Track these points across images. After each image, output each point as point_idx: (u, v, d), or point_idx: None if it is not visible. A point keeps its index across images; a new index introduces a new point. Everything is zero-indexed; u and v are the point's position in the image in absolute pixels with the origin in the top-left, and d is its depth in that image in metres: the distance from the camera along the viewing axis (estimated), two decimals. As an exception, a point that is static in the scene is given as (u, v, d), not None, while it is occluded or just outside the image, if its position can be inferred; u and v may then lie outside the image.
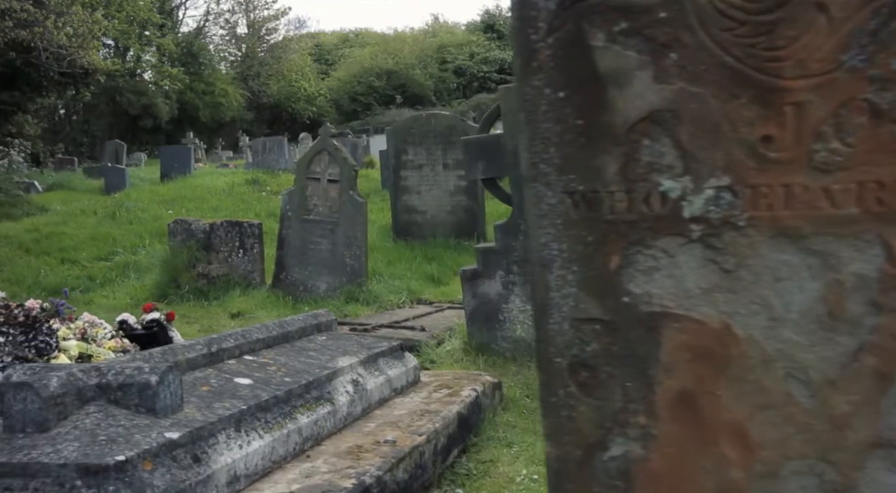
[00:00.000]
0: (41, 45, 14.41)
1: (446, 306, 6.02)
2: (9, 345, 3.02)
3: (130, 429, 1.82)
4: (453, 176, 8.30)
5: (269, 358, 2.67)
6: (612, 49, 0.89)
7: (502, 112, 3.92)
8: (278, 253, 6.40)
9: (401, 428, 2.58)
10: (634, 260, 0.83)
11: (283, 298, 6.11)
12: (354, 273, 6.15)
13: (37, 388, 1.80)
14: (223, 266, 6.57)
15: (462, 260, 7.54)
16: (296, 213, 6.27)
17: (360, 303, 5.89)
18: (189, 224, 6.70)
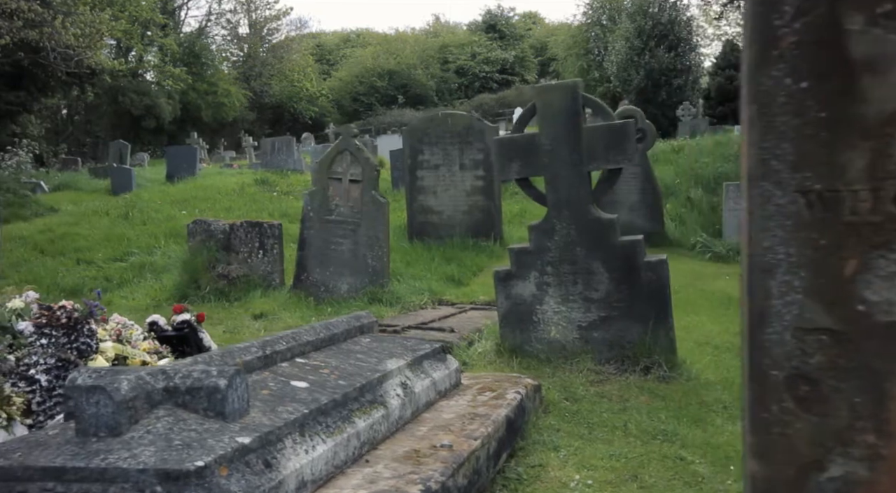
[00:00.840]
0: (49, 46, 14.38)
1: (469, 307, 6.00)
2: (52, 347, 2.99)
3: (203, 434, 1.79)
4: (470, 176, 8.28)
5: (320, 361, 2.64)
6: (872, 33, 0.84)
7: (538, 111, 3.89)
8: (299, 254, 6.36)
9: (453, 432, 2.55)
10: (875, 265, 0.79)
11: (305, 299, 6.08)
12: (376, 274, 6.12)
13: (109, 391, 1.77)
14: (243, 267, 6.54)
15: (480, 261, 7.52)
16: (317, 213, 6.24)
17: (383, 304, 5.86)
18: (208, 225, 6.67)
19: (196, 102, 40.34)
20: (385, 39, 60.75)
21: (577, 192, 3.85)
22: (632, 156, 3.75)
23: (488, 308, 6.01)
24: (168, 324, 4.32)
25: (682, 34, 27.53)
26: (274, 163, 14.78)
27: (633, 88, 27.30)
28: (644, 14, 28.20)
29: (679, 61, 27.03)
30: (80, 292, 6.96)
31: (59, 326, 3.02)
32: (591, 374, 3.78)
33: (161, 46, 37.92)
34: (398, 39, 59.81)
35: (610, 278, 3.83)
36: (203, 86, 40.76)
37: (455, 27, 63.87)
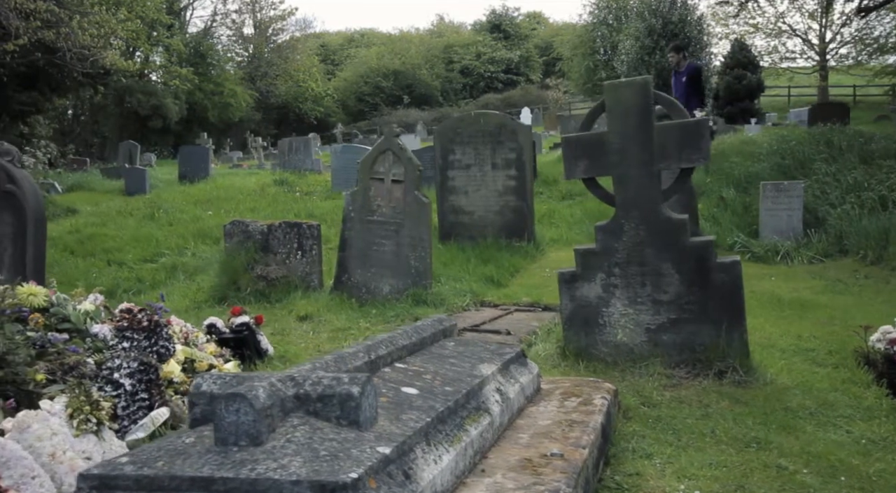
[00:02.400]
0: (65, 46, 14.34)
1: (513, 308, 5.94)
2: (134, 350, 2.94)
3: (343, 444, 1.74)
4: (502, 176, 8.22)
5: (418, 366, 2.58)
6: None
7: (607, 108, 3.83)
8: (340, 255, 6.31)
9: (557, 440, 2.50)
10: None
11: (348, 300, 6.02)
12: (419, 275, 6.06)
13: (250, 399, 1.71)
14: (281, 268, 6.48)
15: (516, 261, 7.47)
16: (359, 214, 6.19)
17: (427, 306, 5.80)
18: (246, 225, 6.61)
19: (202, 102, 40.32)
20: (389, 39, 60.75)
21: (647, 191, 3.80)
22: (707, 155, 3.70)
23: (532, 310, 5.96)
24: (226, 326, 4.28)
25: (692, 33, 27.45)
26: (291, 163, 14.71)
27: (644, 87, 27.21)
28: (654, 13, 28.14)
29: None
30: (114, 294, 6.92)
31: (140, 329, 2.97)
32: (661, 378, 3.73)
33: (167, 47, 37.87)
34: (402, 39, 59.81)
35: (681, 279, 3.77)
36: (209, 86, 40.75)
37: (459, 27, 63.86)
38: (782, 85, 36.41)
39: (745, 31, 35.41)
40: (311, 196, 11.66)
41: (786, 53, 36.95)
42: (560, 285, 4.11)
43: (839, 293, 5.79)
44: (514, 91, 52.04)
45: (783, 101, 36.22)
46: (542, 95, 50.52)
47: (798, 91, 37.51)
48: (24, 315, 2.98)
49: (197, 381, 1.96)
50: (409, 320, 5.52)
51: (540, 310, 5.96)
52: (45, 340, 2.98)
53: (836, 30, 34.46)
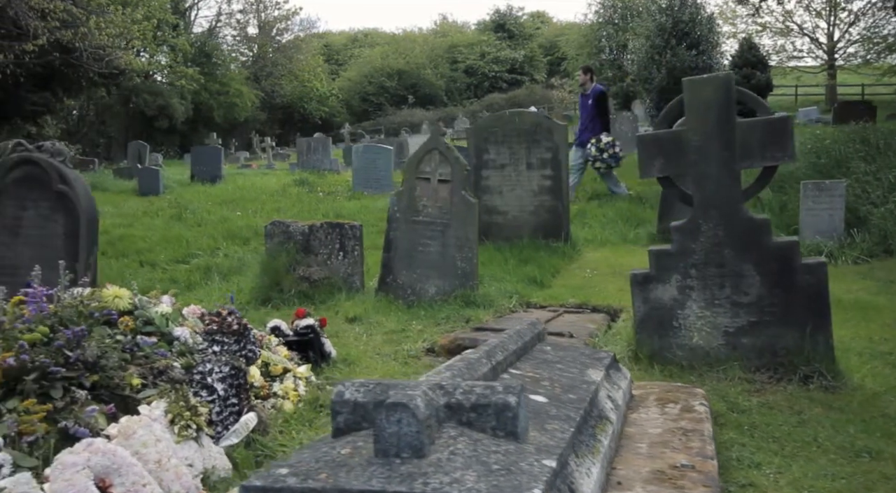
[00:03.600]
0: (82, 46, 14.28)
1: (562, 310, 5.86)
2: (225, 354, 2.87)
3: (508, 456, 1.66)
4: (537, 175, 8.15)
5: (531, 372, 2.51)
6: None
7: (686, 105, 3.76)
8: (385, 255, 6.23)
9: (679, 450, 2.42)
10: None
11: (394, 301, 5.95)
12: (466, 276, 5.99)
13: (412, 409, 1.64)
14: (323, 269, 6.41)
15: (555, 262, 7.39)
16: (404, 214, 6.11)
17: (476, 307, 5.72)
18: (287, 226, 6.54)
19: (208, 102, 40.25)
20: (393, 39, 60.67)
21: (726, 191, 3.72)
22: (792, 153, 3.62)
23: (581, 311, 5.88)
24: (290, 329, 4.20)
25: (703, 32, 27.39)
26: (310, 163, 14.64)
27: (655, 86, 27.14)
28: (664, 12, 28.06)
29: (700, 59, 26.87)
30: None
31: (229, 333, 2.90)
32: (742, 382, 3.65)
33: (173, 47, 37.79)
34: (406, 39, 59.74)
35: (762, 281, 3.70)
36: (215, 86, 40.69)
37: (463, 27, 63.79)
38: (789, 84, 36.35)
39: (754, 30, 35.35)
40: (334, 196, 11.59)
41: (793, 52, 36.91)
42: (632, 287, 4.04)
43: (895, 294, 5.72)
44: (519, 91, 51.94)
45: (790, 100, 36.16)
46: (546, 94, 50.45)
47: (804, 90, 37.45)
48: (113, 319, 2.91)
49: (339, 389, 1.88)
50: (460, 322, 5.45)
51: (589, 311, 5.89)
52: (134, 343, 2.90)
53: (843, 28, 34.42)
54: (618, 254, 7.92)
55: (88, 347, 2.69)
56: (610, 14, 41.71)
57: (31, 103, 19.06)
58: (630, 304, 5.84)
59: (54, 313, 2.76)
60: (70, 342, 2.63)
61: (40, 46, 12.93)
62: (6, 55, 12.28)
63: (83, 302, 2.91)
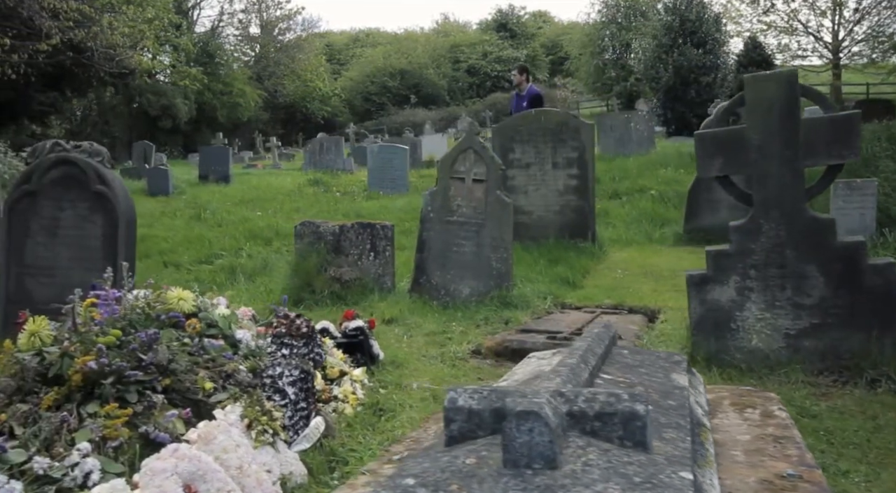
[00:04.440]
0: (93, 45, 14.19)
1: (599, 311, 5.79)
2: (295, 357, 2.80)
3: (644, 468, 1.60)
4: (563, 175, 8.08)
5: (620, 376, 2.44)
6: None
7: (747, 102, 3.69)
8: (418, 256, 6.17)
9: (777, 458, 2.35)
10: None
11: (429, 302, 5.88)
12: (501, 277, 5.92)
13: (544, 417, 1.57)
14: (354, 269, 6.33)
15: (585, 262, 7.32)
16: (438, 214, 6.05)
17: (513, 308, 5.67)
18: (317, 226, 6.47)
19: (211, 102, 40.15)
20: (395, 39, 60.58)
21: (789, 190, 3.66)
22: (857, 151, 3.56)
23: (618, 312, 5.82)
24: (338, 330, 4.14)
25: (710, 31, 27.34)
26: (322, 163, 14.56)
27: (662, 85, 27.10)
28: (671, 11, 28.01)
29: (707, 58, 26.83)
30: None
31: (298, 335, 2.83)
32: (805, 386, 3.59)
33: (176, 46, 37.68)
34: (408, 39, 59.64)
35: (826, 282, 3.64)
36: (218, 86, 40.59)
37: (465, 26, 63.70)
38: (793, 83, 36.30)
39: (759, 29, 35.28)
40: (351, 196, 11.52)
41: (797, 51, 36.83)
42: (689, 288, 3.97)
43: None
44: (522, 90, 51.72)
45: (795, 99, 36.10)
46: (549, 93, 50.30)
47: (808, 89, 37.38)
48: (180, 321, 2.84)
49: (451, 395, 1.81)
50: (499, 324, 5.39)
51: (626, 312, 5.83)
52: (200, 346, 2.84)
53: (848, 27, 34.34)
54: (645, 254, 7.86)
55: (160, 350, 2.62)
56: (613, 13, 41.67)
57: (38, 103, 18.98)
58: (668, 305, 5.84)
59: (123, 316, 2.69)
60: (143, 346, 2.56)
61: (53, 46, 12.85)
62: (20, 55, 12.19)
63: (149, 304, 2.84)
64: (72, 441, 2.18)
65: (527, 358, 3.05)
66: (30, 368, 2.35)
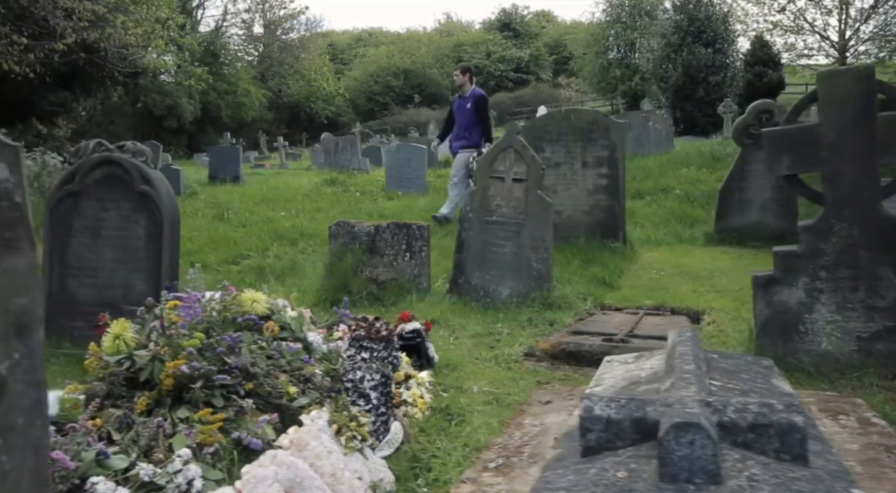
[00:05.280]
0: (107, 45, 14.11)
1: (642, 312, 5.71)
2: (375, 361, 2.72)
3: (815, 484, 1.52)
4: (593, 174, 8.00)
5: (727, 382, 2.36)
6: None
7: (820, 99, 3.61)
8: (457, 256, 6.09)
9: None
10: None
11: (469, 303, 5.80)
12: (541, 278, 5.84)
13: (706, 429, 1.49)
14: (390, 270, 6.25)
15: (618, 263, 7.24)
16: (477, 214, 5.97)
17: (556, 309, 5.58)
18: (352, 226, 6.39)
19: (216, 101, 40.04)
20: (398, 38, 60.51)
21: (863, 189, 3.58)
22: (938, 149, 3.47)
23: (661, 314, 5.74)
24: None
25: (718, 30, 27.27)
26: (338, 162, 14.46)
27: (670, 85, 27.02)
28: (679, 10, 27.94)
29: (716, 58, 26.76)
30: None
31: (378, 339, 2.75)
32: (881, 391, 3.51)
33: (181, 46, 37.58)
34: (411, 38, 59.58)
35: (901, 283, 3.55)
36: (223, 86, 40.47)
37: (469, 26, 63.64)
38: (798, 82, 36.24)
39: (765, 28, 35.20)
40: (370, 196, 11.43)
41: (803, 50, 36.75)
42: (755, 289, 3.90)
43: None
44: (526, 89, 51.83)
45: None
46: (553, 93, 50.32)
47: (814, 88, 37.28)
48: (257, 324, 2.76)
49: (587, 404, 1.74)
50: (544, 325, 5.31)
51: (668, 314, 5.75)
52: (279, 349, 2.75)
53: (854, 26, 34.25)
54: (676, 254, 7.77)
55: (243, 353, 2.54)
56: (618, 13, 41.60)
57: (49, 103, 18.89)
58: (711, 306, 5.76)
59: (203, 319, 2.61)
60: (229, 349, 2.48)
61: (68, 45, 12.77)
62: (36, 55, 12.11)
63: (226, 307, 2.76)
64: (169, 447, 2.10)
65: (606, 362, 2.96)
66: (119, 372, 2.27)
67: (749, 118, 7.80)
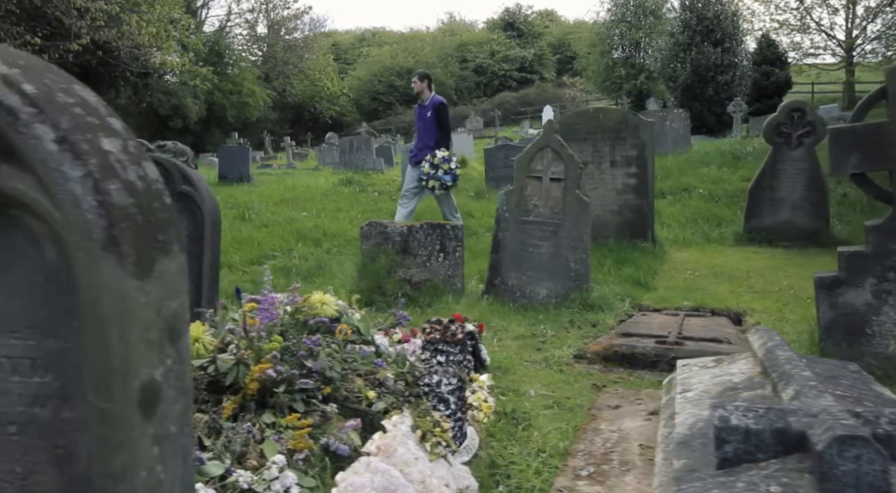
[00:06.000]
0: (121, 45, 14.04)
1: (682, 314, 5.63)
2: (451, 365, 2.64)
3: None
4: (621, 174, 7.93)
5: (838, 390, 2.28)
6: None
7: (890, 96, 3.53)
8: (493, 257, 6.01)
9: None
10: None
11: (507, 304, 5.73)
12: (579, 278, 5.76)
13: (874, 444, 1.42)
14: (423, 271, 6.18)
15: (651, 263, 7.16)
16: (513, 214, 5.89)
17: (597, 310, 5.51)
18: (384, 227, 6.31)
19: (221, 101, 39.98)
20: (402, 38, 60.46)
21: (932, 189, 3.49)
22: None
23: (702, 315, 5.66)
24: (446, 336, 3.96)
25: (727, 29, 27.17)
26: (353, 162, 14.39)
27: (679, 84, 26.93)
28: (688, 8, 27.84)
29: (725, 57, 26.65)
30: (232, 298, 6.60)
31: (454, 342, 2.67)
32: (950, 392, 3.43)
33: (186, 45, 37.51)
34: (415, 38, 59.52)
35: (971, 284, 3.47)
36: (228, 85, 40.41)
37: (472, 25, 63.57)
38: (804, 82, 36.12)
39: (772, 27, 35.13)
40: (388, 196, 11.35)
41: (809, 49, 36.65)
42: (817, 291, 3.81)
43: None
44: (530, 89, 51.80)
45: (807, 98, 35.90)
46: (557, 92, 50.27)
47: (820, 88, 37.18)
48: (330, 327, 2.68)
49: (721, 413, 1.66)
50: (586, 327, 5.23)
51: (709, 315, 5.67)
52: (352, 353, 2.68)
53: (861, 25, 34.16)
54: (707, 254, 7.70)
55: (321, 357, 2.46)
56: (623, 12, 41.51)
57: (59, 103, 18.79)
58: (751, 307, 5.68)
59: (279, 322, 2.53)
60: (309, 352, 2.40)
61: (83, 45, 12.70)
62: (50, 55, 12.04)
63: (298, 309, 2.68)
64: (261, 453, 2.03)
65: (683, 366, 2.89)
66: (201, 376, 2.19)
67: (780, 116, 7.72)
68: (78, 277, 1.12)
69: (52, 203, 1.11)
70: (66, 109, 1.13)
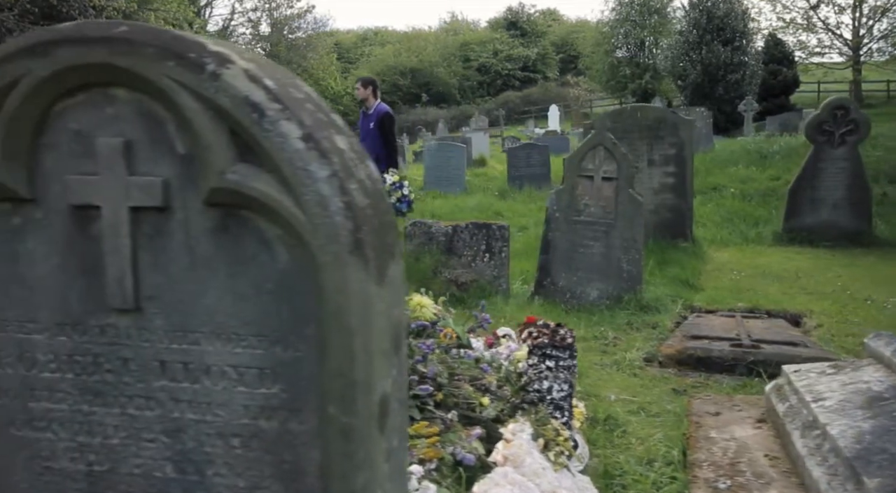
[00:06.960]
0: (136, 42, 13.94)
1: (738, 315, 5.52)
2: (562, 370, 2.53)
3: None
4: (659, 173, 7.83)
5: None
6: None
7: None
8: (542, 257, 5.91)
9: None
10: None
11: (558, 305, 5.63)
12: (631, 279, 5.66)
13: None
14: (469, 271, 6.08)
15: (694, 264, 7.06)
16: (564, 214, 5.78)
17: (653, 312, 5.42)
18: (429, 226, 6.21)
19: (226, 101, 39.83)
20: (405, 37, 60.27)
21: None
22: None
23: (758, 316, 5.57)
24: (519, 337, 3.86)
25: (738, 27, 27.08)
26: (370, 162, 14.27)
27: (689, 83, 26.84)
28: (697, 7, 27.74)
29: (735, 55, 26.56)
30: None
31: (562, 347, 2.56)
32: None
33: (190, 45, 37.34)
34: (418, 37, 59.33)
35: None
36: (232, 85, 40.25)
37: (475, 24, 63.44)
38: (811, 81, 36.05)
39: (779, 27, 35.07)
40: (413, 195, 11.23)
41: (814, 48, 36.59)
42: (905, 290, 3.70)
43: None
44: (534, 88, 51.71)
45: (813, 97, 35.81)
46: (561, 92, 50.19)
47: (826, 87, 37.11)
48: (434, 332, 2.57)
49: None
50: (646, 328, 5.13)
51: (765, 317, 5.58)
52: (457, 358, 2.57)
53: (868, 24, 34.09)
54: (748, 255, 7.60)
55: (433, 362, 2.36)
56: (627, 11, 41.46)
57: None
58: (809, 308, 5.58)
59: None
60: (424, 357, 2.30)
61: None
62: (68, 52, 11.93)
63: (403, 313, 2.57)
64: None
65: (797, 373, 2.78)
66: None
67: (823, 114, 7.62)
68: (324, 283, 1.02)
69: (296, 204, 1.00)
70: (302, 106, 1.03)
